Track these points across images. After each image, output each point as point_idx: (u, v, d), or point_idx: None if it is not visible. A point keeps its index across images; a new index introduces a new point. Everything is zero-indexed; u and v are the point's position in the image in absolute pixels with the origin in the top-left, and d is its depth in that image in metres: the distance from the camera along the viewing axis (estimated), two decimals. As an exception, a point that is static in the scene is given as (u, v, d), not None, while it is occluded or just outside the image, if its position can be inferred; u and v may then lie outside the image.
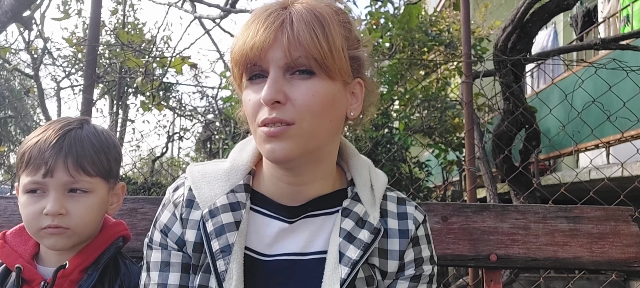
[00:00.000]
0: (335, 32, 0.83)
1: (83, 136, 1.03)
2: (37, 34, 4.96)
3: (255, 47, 0.82)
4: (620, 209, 1.37)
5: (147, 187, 7.40)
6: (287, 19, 0.82)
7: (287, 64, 0.82)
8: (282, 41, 0.81)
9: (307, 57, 0.81)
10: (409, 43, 5.48)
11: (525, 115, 2.96)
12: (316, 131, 0.84)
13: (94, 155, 1.02)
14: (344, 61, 0.84)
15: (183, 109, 9.42)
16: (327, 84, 0.83)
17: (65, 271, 1.01)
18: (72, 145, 1.00)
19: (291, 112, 0.82)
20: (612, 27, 6.24)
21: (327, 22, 0.83)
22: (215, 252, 0.86)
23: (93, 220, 1.04)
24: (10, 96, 9.10)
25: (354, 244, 0.88)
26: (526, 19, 2.89)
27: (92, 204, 1.02)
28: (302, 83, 0.82)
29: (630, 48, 3.14)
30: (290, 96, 0.82)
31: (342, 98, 0.87)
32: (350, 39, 0.88)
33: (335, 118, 0.87)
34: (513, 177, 3.05)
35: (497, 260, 1.32)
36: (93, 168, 1.01)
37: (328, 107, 0.84)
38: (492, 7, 8.62)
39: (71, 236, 1.01)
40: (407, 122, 5.32)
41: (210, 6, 3.77)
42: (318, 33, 0.81)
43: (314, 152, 0.87)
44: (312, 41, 0.81)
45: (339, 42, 0.84)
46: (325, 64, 0.82)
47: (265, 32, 0.81)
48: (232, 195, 0.92)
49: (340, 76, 0.85)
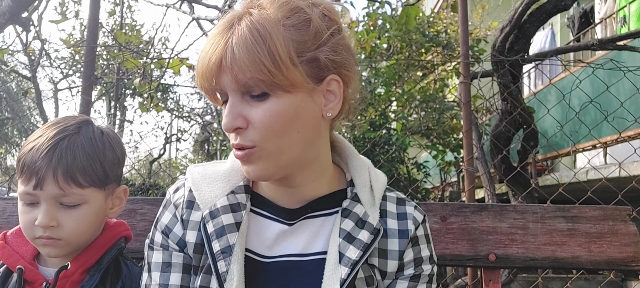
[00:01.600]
0: (281, 44, 0.79)
1: (77, 143, 0.98)
2: (34, 35, 4.95)
3: (204, 76, 0.82)
4: (618, 209, 1.38)
5: (145, 189, 7.39)
6: (229, 44, 0.79)
7: (239, 89, 0.81)
8: (226, 67, 0.79)
9: (253, 80, 0.79)
10: (406, 44, 5.49)
11: (523, 116, 2.97)
12: (283, 148, 0.83)
13: (87, 165, 0.97)
14: (296, 71, 0.80)
15: (181, 110, 9.42)
16: (285, 99, 0.81)
17: (67, 272, 1.00)
18: (63, 155, 0.96)
19: (253, 136, 0.82)
20: (609, 28, 6.26)
21: (269, 35, 0.79)
22: (216, 253, 0.86)
23: (87, 230, 1.01)
24: (8, 98, 9.08)
25: (353, 244, 0.88)
26: (524, 19, 2.90)
27: (85, 215, 0.99)
28: (259, 105, 0.81)
29: (627, 48, 3.15)
30: (250, 119, 0.81)
31: (307, 105, 0.84)
32: (307, 40, 0.82)
33: (304, 127, 0.84)
34: (511, 178, 3.06)
35: (495, 259, 1.33)
36: (85, 179, 0.97)
37: (291, 121, 0.82)
38: (489, 8, 8.64)
39: (64, 246, 1.00)
40: (404, 122, 5.33)
41: (208, 7, 3.77)
42: (259, 52, 0.78)
43: (292, 163, 0.86)
44: (255, 64, 0.78)
45: (285, 53, 0.79)
46: (274, 82, 0.79)
47: (211, 60, 0.80)
48: (233, 196, 0.92)
49: (297, 86, 0.81)
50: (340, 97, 0.88)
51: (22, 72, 8.00)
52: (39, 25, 5.47)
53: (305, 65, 0.82)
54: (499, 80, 2.96)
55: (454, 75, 5.74)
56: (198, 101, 11.44)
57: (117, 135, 1.08)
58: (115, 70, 6.26)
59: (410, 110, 5.61)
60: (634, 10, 5.64)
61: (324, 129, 0.90)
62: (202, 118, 9.27)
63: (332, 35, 0.85)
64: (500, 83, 2.95)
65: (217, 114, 8.75)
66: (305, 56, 0.82)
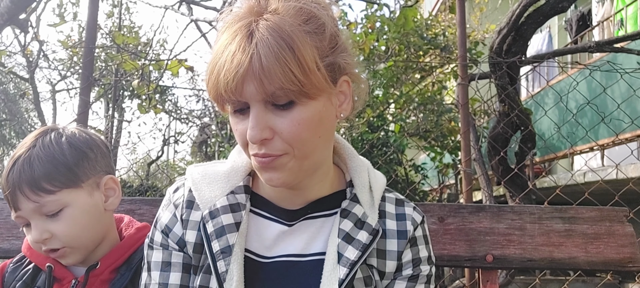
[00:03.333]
0: (307, 52, 0.78)
1: (32, 156, 0.98)
2: (32, 37, 4.94)
3: (228, 87, 0.77)
4: (615, 210, 1.38)
5: (143, 191, 7.39)
6: (255, 54, 0.76)
7: (265, 99, 0.79)
8: (253, 76, 0.76)
9: (283, 89, 0.77)
10: (404, 46, 5.51)
11: (521, 117, 2.98)
12: (309, 153, 0.84)
13: (48, 171, 0.97)
14: (320, 77, 0.80)
15: (179, 112, 9.41)
16: (310, 105, 0.80)
17: (96, 271, 1.02)
18: (21, 172, 0.96)
19: (280, 145, 0.81)
20: (606, 30, 6.28)
21: (295, 43, 0.77)
22: (216, 253, 0.86)
23: (85, 229, 1.01)
24: (6, 99, 9.07)
25: (352, 245, 0.88)
26: (521, 21, 2.91)
27: (73, 217, 0.99)
28: (285, 113, 0.79)
29: (624, 51, 3.17)
30: (276, 129, 0.80)
31: (328, 108, 0.84)
32: (324, 45, 0.82)
33: (326, 131, 0.85)
34: (509, 179, 3.07)
35: (493, 260, 1.33)
36: (52, 184, 0.97)
37: (316, 127, 0.82)
38: (487, 11, 8.67)
39: (73, 252, 1.01)
40: (402, 124, 5.34)
41: (206, 9, 3.78)
42: (289, 62, 0.76)
43: (312, 167, 0.87)
44: (285, 74, 0.76)
45: (312, 61, 0.78)
46: (303, 91, 0.78)
47: (236, 70, 0.76)
48: (232, 196, 0.92)
49: (322, 92, 0.81)
50: (350, 96, 0.89)
51: (20, 74, 7.99)
52: (37, 26, 5.47)
53: (326, 69, 0.82)
54: (496, 82, 2.97)
55: (452, 78, 5.75)
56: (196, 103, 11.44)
57: (85, 134, 1.06)
58: (113, 71, 6.26)
59: (408, 112, 5.62)
60: (631, 13, 5.67)
61: (335, 130, 0.91)
62: (200, 120, 9.27)
63: (339, 37, 0.86)
64: (498, 85, 2.96)
65: (215, 116, 8.74)
66: (325, 61, 0.82)
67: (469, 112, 2.90)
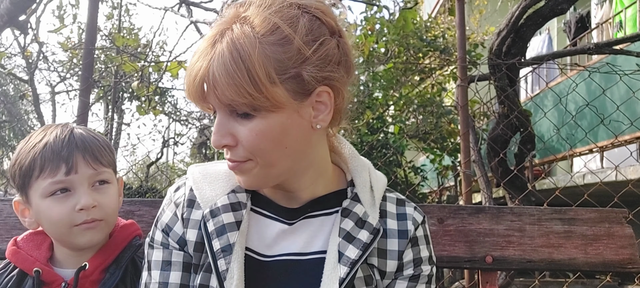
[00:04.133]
0: (260, 67, 0.77)
1: (85, 134, 1.06)
2: (32, 38, 4.95)
3: (191, 94, 0.83)
4: (614, 211, 1.38)
5: (142, 192, 7.38)
6: (211, 66, 0.79)
7: (225, 107, 0.81)
8: (210, 88, 0.80)
9: (235, 102, 0.79)
10: (404, 48, 5.51)
11: (520, 119, 2.99)
12: (273, 162, 0.84)
13: (103, 149, 1.05)
14: (278, 91, 0.79)
15: (178, 113, 9.41)
16: (270, 118, 0.80)
17: (86, 272, 1.02)
18: (84, 140, 1.03)
19: (242, 152, 0.83)
20: (605, 32, 6.29)
21: (248, 56, 0.77)
22: (216, 252, 0.86)
23: (116, 210, 1.08)
24: (5, 101, 9.07)
25: (353, 244, 0.88)
26: (521, 23, 2.92)
27: (114, 194, 1.07)
28: (246, 123, 0.81)
29: (623, 52, 3.18)
30: (238, 137, 0.82)
31: (294, 121, 0.83)
32: (288, 57, 0.80)
33: (293, 141, 0.84)
34: (508, 181, 3.07)
35: (492, 261, 1.33)
36: (107, 160, 1.05)
37: (278, 138, 0.82)
38: (486, 14, 8.68)
39: (104, 227, 1.05)
40: (402, 126, 5.34)
41: (206, 10, 3.78)
42: (239, 76, 0.77)
43: (283, 174, 0.87)
44: (234, 87, 0.77)
45: (265, 75, 0.77)
46: (255, 105, 0.79)
47: (196, 79, 0.80)
48: (233, 195, 0.92)
49: (280, 105, 0.80)
50: (331, 107, 0.86)
51: (19, 75, 7.99)
52: (37, 28, 5.47)
53: (288, 82, 0.80)
54: (496, 84, 2.98)
55: (452, 80, 5.76)
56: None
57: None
58: (113, 73, 6.26)
59: (408, 114, 5.62)
60: (630, 15, 5.68)
61: (317, 138, 0.89)
62: (200, 121, 9.27)
63: (321, 45, 0.82)
64: (497, 86, 2.97)
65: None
66: (287, 74, 0.80)
67: (469, 113, 2.90)
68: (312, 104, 0.84)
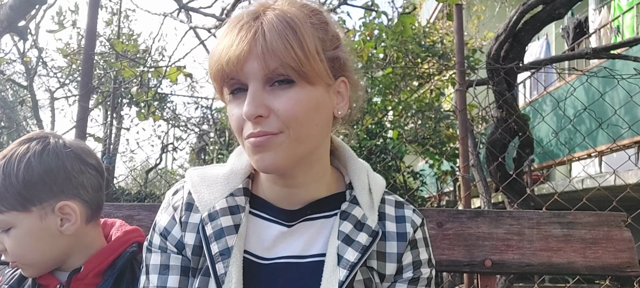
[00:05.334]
0: (309, 37, 0.82)
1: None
2: (31, 44, 4.95)
3: (230, 61, 0.81)
4: (613, 215, 1.39)
5: (141, 198, 7.38)
6: (260, 30, 0.81)
7: (265, 76, 0.81)
8: (256, 53, 0.80)
9: (284, 66, 0.80)
10: (402, 54, 5.52)
11: (519, 123, 2.99)
12: (303, 138, 0.84)
13: (2, 193, 0.98)
14: (321, 65, 0.84)
15: (177, 119, 9.41)
16: (308, 90, 0.83)
17: (80, 275, 1.02)
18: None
19: (275, 123, 0.82)
20: (604, 37, 6.31)
21: (299, 27, 0.82)
22: (215, 255, 0.86)
23: (30, 250, 1.01)
24: (4, 107, 9.06)
25: (352, 247, 0.88)
26: (518, 27, 2.93)
27: (19, 237, 1.00)
28: (283, 93, 0.82)
29: (621, 57, 3.19)
30: (272, 107, 0.82)
31: (325, 100, 0.86)
32: (327, 39, 0.87)
33: (321, 121, 0.87)
34: (507, 185, 3.07)
35: (491, 265, 1.33)
36: (7, 205, 0.99)
37: (312, 112, 0.84)
38: (484, 19, 8.71)
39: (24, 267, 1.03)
40: (401, 131, 5.35)
41: (206, 16, 3.79)
42: (291, 41, 0.80)
43: (304, 157, 0.87)
44: (286, 50, 0.79)
45: (314, 46, 0.83)
46: (302, 71, 0.81)
47: (239, 46, 0.80)
48: (232, 198, 0.92)
49: (320, 80, 0.84)
50: (347, 99, 0.91)
51: (18, 81, 7.99)
52: (36, 34, 5.48)
53: (326, 61, 0.85)
54: (494, 88, 2.98)
55: (450, 85, 5.77)
56: (195, 110, 11.43)
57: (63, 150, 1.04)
58: (112, 78, 6.27)
59: (407, 119, 5.63)
60: (628, 20, 5.70)
61: (329, 130, 0.92)
62: (199, 127, 9.27)
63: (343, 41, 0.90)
64: (496, 91, 2.98)
65: (213, 123, 8.74)
66: (326, 54, 0.86)
67: (467, 117, 2.91)
68: (335, 91, 0.89)
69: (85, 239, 1.07)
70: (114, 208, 1.34)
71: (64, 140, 1.07)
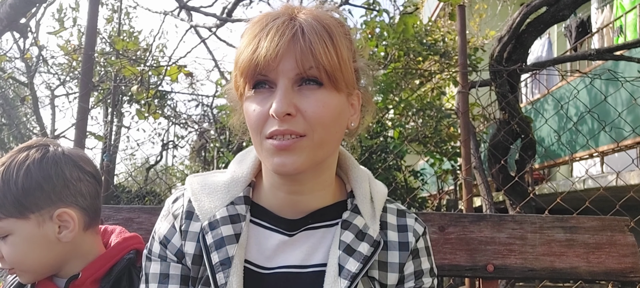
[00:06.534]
0: (343, 44, 0.84)
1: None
2: (32, 42, 4.94)
3: (268, 56, 0.80)
4: (616, 219, 1.37)
5: (141, 196, 7.38)
6: (299, 29, 0.81)
7: (298, 75, 0.81)
8: (294, 51, 0.80)
9: (318, 68, 0.81)
10: (404, 52, 5.51)
11: (521, 125, 2.98)
12: (325, 142, 0.84)
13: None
14: (350, 73, 0.85)
15: (178, 117, 9.41)
16: (334, 95, 0.83)
17: (77, 281, 1.02)
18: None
19: (302, 124, 0.81)
20: (606, 37, 6.29)
21: (334, 33, 0.83)
22: (215, 265, 0.85)
23: (28, 257, 1.00)
24: (5, 104, 9.06)
25: (353, 257, 0.87)
26: (522, 29, 2.91)
27: (18, 243, 0.99)
28: (311, 94, 0.82)
29: (625, 58, 3.17)
30: (300, 108, 0.81)
31: (346, 109, 0.87)
32: (353, 50, 0.89)
33: (340, 129, 0.87)
34: (509, 187, 3.06)
35: (494, 270, 1.32)
36: (4, 212, 0.98)
37: (336, 118, 0.84)
38: (486, 18, 8.68)
39: (21, 274, 1.03)
40: (402, 130, 5.33)
41: (206, 15, 3.78)
42: (328, 44, 0.81)
43: (320, 163, 0.87)
44: (324, 52, 0.80)
45: (346, 54, 0.84)
46: (334, 76, 0.82)
47: (278, 42, 0.80)
48: (232, 207, 0.91)
49: (346, 88, 0.85)
50: (358, 113, 0.92)
51: (19, 79, 7.99)
52: (37, 31, 5.47)
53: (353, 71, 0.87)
54: (497, 90, 2.97)
55: (451, 84, 5.75)
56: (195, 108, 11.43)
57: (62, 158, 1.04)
58: (112, 77, 6.26)
59: (408, 118, 5.62)
60: (631, 20, 5.68)
61: (342, 139, 0.92)
62: (200, 125, 9.26)
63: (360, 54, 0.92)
64: (498, 92, 2.96)
65: (214, 121, 8.73)
66: (353, 63, 0.88)
67: (469, 119, 2.89)
68: (350, 103, 0.90)
69: (83, 246, 1.06)
70: (114, 210, 1.33)
71: (62, 148, 1.07)
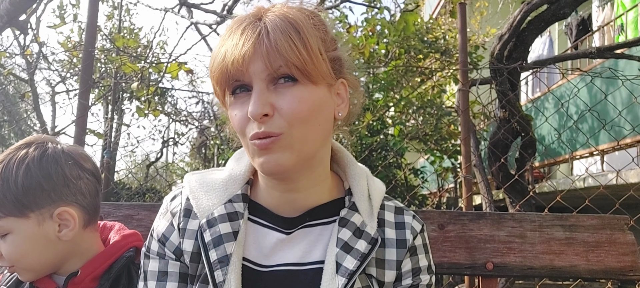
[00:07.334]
0: (311, 36, 0.83)
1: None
2: (32, 38, 4.94)
3: (235, 61, 0.80)
4: (616, 218, 1.38)
5: (142, 193, 7.38)
6: (263, 30, 0.81)
7: (269, 75, 0.81)
8: (260, 53, 0.80)
9: (288, 65, 0.80)
10: (404, 50, 5.50)
11: (521, 123, 2.97)
12: (307, 137, 0.83)
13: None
14: (323, 64, 0.84)
15: (178, 114, 9.41)
16: (311, 89, 0.83)
17: (77, 279, 1.01)
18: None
19: (280, 123, 0.81)
20: (607, 35, 6.28)
21: (301, 27, 0.82)
22: (213, 263, 0.85)
23: (27, 255, 1.00)
24: (5, 100, 9.06)
25: (351, 254, 0.87)
26: (522, 27, 2.91)
27: (18, 242, 0.99)
28: (286, 91, 0.81)
29: (625, 57, 3.17)
30: (276, 106, 0.81)
31: (327, 101, 0.86)
32: (327, 40, 0.87)
33: (324, 121, 0.86)
34: (509, 185, 3.06)
35: (493, 268, 1.32)
36: (4, 211, 0.98)
37: (315, 111, 0.83)
38: (487, 15, 8.66)
39: (21, 272, 1.02)
40: (402, 128, 5.33)
41: (207, 12, 3.77)
42: (294, 39, 0.80)
43: (309, 158, 0.86)
44: (291, 48, 0.80)
45: (316, 46, 0.83)
46: (306, 70, 0.81)
47: (243, 46, 0.80)
48: (230, 205, 0.91)
49: (323, 79, 0.84)
50: (347, 101, 0.91)
51: (19, 75, 7.99)
52: (37, 28, 5.47)
53: (328, 61, 0.86)
54: (497, 88, 2.97)
55: (452, 81, 5.75)
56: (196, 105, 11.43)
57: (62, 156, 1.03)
58: (113, 74, 6.26)
59: (408, 116, 5.61)
60: (632, 18, 5.67)
61: (330, 133, 0.91)
62: (200, 122, 9.26)
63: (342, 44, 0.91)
64: (499, 91, 2.96)
65: (214, 118, 8.73)
66: (328, 54, 0.86)
67: (469, 118, 2.89)
68: (335, 93, 0.89)
69: (83, 244, 1.06)
70: (114, 207, 1.34)
71: (62, 146, 1.06)
